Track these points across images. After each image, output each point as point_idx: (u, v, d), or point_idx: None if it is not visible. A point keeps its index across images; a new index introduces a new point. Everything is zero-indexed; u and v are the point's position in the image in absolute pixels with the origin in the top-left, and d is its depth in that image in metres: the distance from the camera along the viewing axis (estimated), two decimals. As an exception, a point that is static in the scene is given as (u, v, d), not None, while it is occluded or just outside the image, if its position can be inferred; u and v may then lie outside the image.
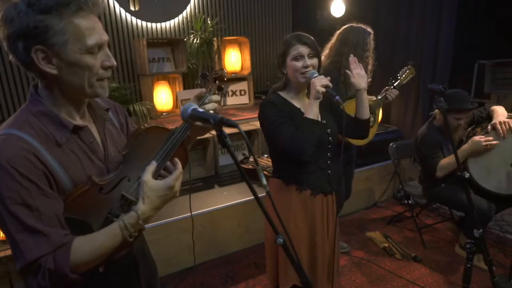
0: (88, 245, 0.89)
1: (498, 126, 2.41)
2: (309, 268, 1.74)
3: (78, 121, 0.97)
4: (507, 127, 2.41)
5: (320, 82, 1.54)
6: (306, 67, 1.59)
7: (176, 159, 1.03)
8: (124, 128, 1.17)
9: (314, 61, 1.62)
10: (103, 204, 0.94)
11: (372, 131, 2.48)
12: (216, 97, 1.17)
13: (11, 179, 0.81)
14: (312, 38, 1.65)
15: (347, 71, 1.74)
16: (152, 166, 0.98)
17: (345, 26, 2.46)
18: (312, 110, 1.57)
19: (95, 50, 0.88)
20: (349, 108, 2.38)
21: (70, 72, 0.88)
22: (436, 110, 2.71)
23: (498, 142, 2.41)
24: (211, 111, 1.11)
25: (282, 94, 1.71)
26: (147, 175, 0.96)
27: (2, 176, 0.81)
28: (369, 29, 2.42)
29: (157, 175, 1.00)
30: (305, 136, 1.54)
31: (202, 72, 1.22)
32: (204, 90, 1.17)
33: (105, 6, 0.90)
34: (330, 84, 1.55)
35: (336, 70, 2.37)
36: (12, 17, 0.81)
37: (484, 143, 2.39)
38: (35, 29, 0.81)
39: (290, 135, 1.56)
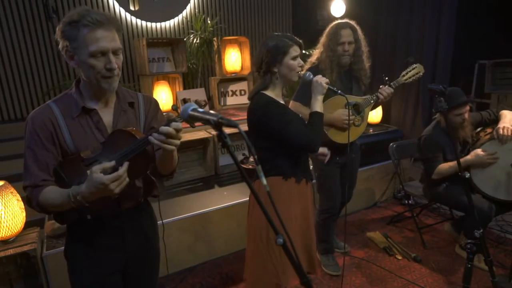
0: (50, 195, 1.22)
1: (500, 131, 2.39)
2: (307, 255, 1.89)
3: (96, 105, 1.30)
4: (509, 134, 2.37)
5: (323, 79, 1.78)
6: (301, 66, 1.76)
7: (125, 163, 1.15)
8: (148, 122, 1.42)
9: None
10: (81, 172, 1.23)
11: (359, 130, 2.42)
12: (175, 125, 1.10)
13: (31, 131, 1.25)
14: None
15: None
16: (109, 164, 1.16)
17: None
18: (319, 105, 1.78)
19: (97, 55, 1.18)
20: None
21: (83, 67, 1.23)
22: (437, 114, 2.70)
23: (498, 158, 2.43)
24: (164, 138, 1.09)
25: (268, 93, 1.76)
26: (98, 168, 1.13)
27: (28, 129, 1.26)
28: (348, 22, 2.36)
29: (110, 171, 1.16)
30: (318, 129, 1.75)
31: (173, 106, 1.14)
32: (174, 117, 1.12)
33: (118, 22, 1.24)
34: (328, 80, 1.80)
35: (317, 61, 2.42)
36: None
37: (487, 159, 2.43)
38: (62, 33, 1.20)
39: (304, 130, 1.72)
